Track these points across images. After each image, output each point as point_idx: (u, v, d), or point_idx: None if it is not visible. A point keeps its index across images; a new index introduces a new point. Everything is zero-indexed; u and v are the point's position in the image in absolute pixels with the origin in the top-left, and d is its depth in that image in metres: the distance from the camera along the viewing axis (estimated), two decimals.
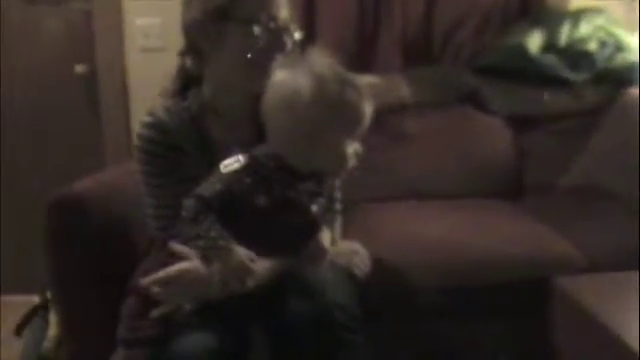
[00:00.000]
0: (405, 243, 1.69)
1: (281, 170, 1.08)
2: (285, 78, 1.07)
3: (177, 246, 1.10)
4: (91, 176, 1.55)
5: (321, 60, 1.09)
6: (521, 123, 2.18)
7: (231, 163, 1.07)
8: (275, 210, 1.07)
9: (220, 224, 1.04)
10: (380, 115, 2.12)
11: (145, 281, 1.07)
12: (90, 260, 1.39)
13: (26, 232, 2.22)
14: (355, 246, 1.37)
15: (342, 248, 1.35)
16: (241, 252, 1.03)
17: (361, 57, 2.39)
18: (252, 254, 1.04)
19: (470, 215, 1.85)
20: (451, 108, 2.22)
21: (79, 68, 2.53)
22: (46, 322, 1.62)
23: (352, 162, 1.11)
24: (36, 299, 1.68)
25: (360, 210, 2.05)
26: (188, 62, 1.23)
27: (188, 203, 1.05)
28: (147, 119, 1.21)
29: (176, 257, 1.09)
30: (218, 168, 1.08)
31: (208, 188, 1.06)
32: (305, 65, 1.07)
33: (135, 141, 1.22)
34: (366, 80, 2.20)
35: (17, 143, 2.60)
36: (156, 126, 1.20)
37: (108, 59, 2.49)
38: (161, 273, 1.07)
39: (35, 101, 2.59)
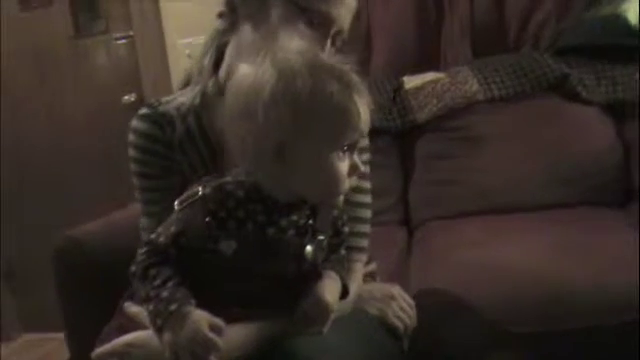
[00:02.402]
0: (476, 272, 1.35)
1: (255, 201, 0.81)
2: (246, 74, 0.81)
3: (132, 308, 0.85)
4: (100, 218, 1.48)
5: (295, 45, 0.81)
6: (623, 112, 1.76)
7: (189, 196, 0.81)
8: (249, 257, 0.80)
9: (178, 279, 0.78)
10: (445, 117, 1.88)
11: (94, 353, 0.83)
12: (95, 300, 1.27)
13: None
14: (391, 289, 1.07)
15: (374, 292, 1.05)
16: (200, 319, 0.75)
17: (423, 51, 2.09)
18: (218, 321, 0.76)
19: (561, 232, 1.46)
20: (534, 100, 1.84)
21: (127, 98, 2.42)
22: None
23: (349, 183, 0.82)
24: None
25: (424, 231, 1.73)
26: (220, 25, 1.00)
27: (139, 252, 0.81)
28: (144, 110, 1.01)
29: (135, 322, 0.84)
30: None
31: (163, 232, 0.81)
32: (272, 54, 0.80)
33: (129, 136, 1.02)
34: (420, 78, 1.92)
35: (70, 174, 2.52)
36: (153, 119, 1.00)
37: (154, 84, 2.36)
38: (108, 346, 0.82)
39: (87, 136, 2.52)
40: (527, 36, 1.99)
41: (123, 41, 2.43)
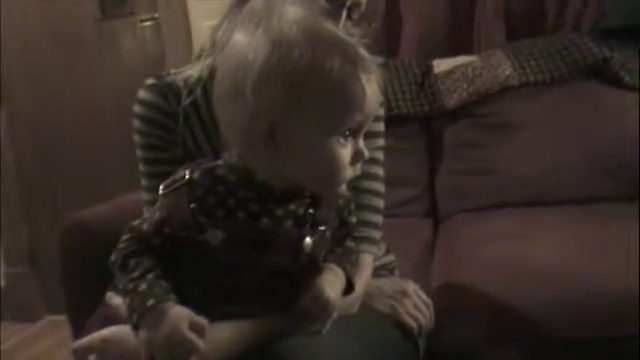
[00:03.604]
0: (503, 269, 1.24)
1: (247, 188, 0.73)
2: (238, 43, 0.72)
3: (115, 299, 0.80)
4: (109, 201, 1.47)
5: (295, 12, 0.72)
6: None
7: (175, 180, 0.74)
8: (239, 249, 0.72)
9: (159, 272, 0.71)
10: (476, 103, 1.77)
11: (74, 345, 0.77)
12: (99, 282, 1.20)
13: None
14: (404, 285, 0.99)
15: (384, 288, 0.98)
16: (180, 316, 0.68)
17: (455, 33, 1.98)
18: (199, 319, 0.68)
19: (600, 228, 1.34)
20: (572, 86, 1.72)
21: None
22: None
23: (352, 171, 0.74)
24: None
25: (450, 223, 1.64)
26: None
27: (121, 239, 0.75)
28: (151, 80, 0.98)
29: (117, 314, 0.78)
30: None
31: (148, 218, 0.75)
32: (266, 21, 0.71)
33: (134, 107, 0.99)
34: (451, 61, 1.82)
35: (96, 157, 2.50)
36: (159, 89, 0.96)
37: (179, 66, 2.32)
38: (86, 340, 0.77)
39: (113, 118, 2.49)
40: (567, 18, 1.87)
41: (148, 23, 2.39)
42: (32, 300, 2.54)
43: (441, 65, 1.83)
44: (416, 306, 0.97)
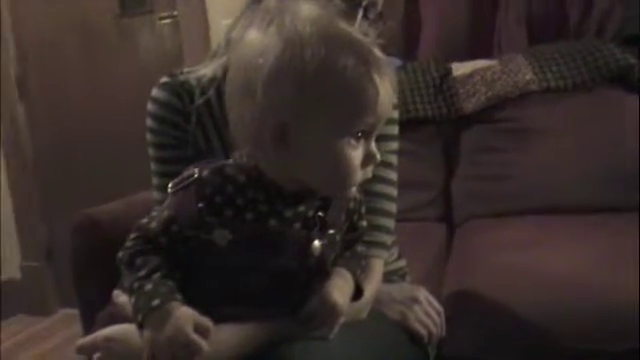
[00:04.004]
0: (518, 278, 1.22)
1: (256, 188, 0.72)
2: (250, 41, 0.71)
3: (121, 297, 0.79)
4: (121, 199, 1.46)
5: (310, 11, 0.71)
6: None
7: (184, 178, 0.73)
8: (246, 250, 0.71)
9: (166, 272, 0.70)
10: (495, 107, 1.74)
11: (79, 342, 0.77)
12: (109, 279, 1.23)
13: None
14: (415, 291, 0.97)
15: (394, 294, 0.96)
16: (184, 317, 0.67)
17: (476, 36, 1.95)
18: (204, 320, 0.67)
19: (616, 239, 1.31)
20: (594, 93, 1.69)
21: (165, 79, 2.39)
22: None
23: (363, 173, 0.72)
24: None
25: (465, 229, 1.62)
26: None
27: (129, 237, 0.74)
28: (164, 79, 0.98)
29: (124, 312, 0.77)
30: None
31: (156, 216, 0.74)
32: (280, 19, 0.70)
33: (147, 105, 0.99)
34: (470, 65, 1.79)
35: (114, 152, 2.51)
36: (171, 88, 0.96)
37: (197, 64, 2.32)
38: (90, 338, 0.76)
39: (130, 114, 2.49)
40: (590, 23, 1.83)
41: (167, 21, 2.39)
42: (47, 294, 2.56)
43: (460, 68, 1.80)
44: (427, 313, 0.95)
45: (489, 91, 1.73)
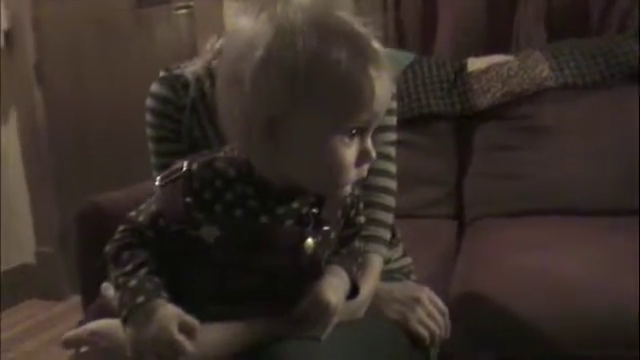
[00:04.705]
0: (529, 281, 1.19)
1: (247, 183, 0.70)
2: (241, 30, 0.68)
3: (110, 290, 0.78)
4: (130, 186, 1.47)
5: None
6: None
7: (172, 171, 0.71)
8: (234, 247, 0.69)
9: (152, 267, 0.68)
10: (510, 104, 1.70)
11: (65, 336, 0.76)
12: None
13: None
14: (418, 291, 0.94)
15: (395, 293, 0.93)
16: (169, 315, 0.64)
17: (494, 32, 1.91)
18: (190, 319, 0.65)
19: (630, 242, 1.26)
20: (613, 90, 1.64)
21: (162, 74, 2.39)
22: None
23: (358, 172, 0.69)
24: None
25: (476, 228, 1.58)
26: None
27: (118, 229, 0.73)
28: (161, 73, 0.99)
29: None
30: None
31: (144, 209, 0.72)
32: (272, 7, 0.67)
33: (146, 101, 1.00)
34: (486, 60, 1.75)
35: (130, 143, 2.51)
36: (167, 81, 0.97)
37: None
38: (76, 331, 0.75)
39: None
40: (612, 20, 1.78)
41: (183, 11, 2.38)
42: (60, 279, 2.59)
43: (476, 63, 1.76)
44: (429, 314, 0.92)
45: (504, 87, 1.69)
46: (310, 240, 0.72)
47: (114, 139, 2.54)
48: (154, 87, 0.98)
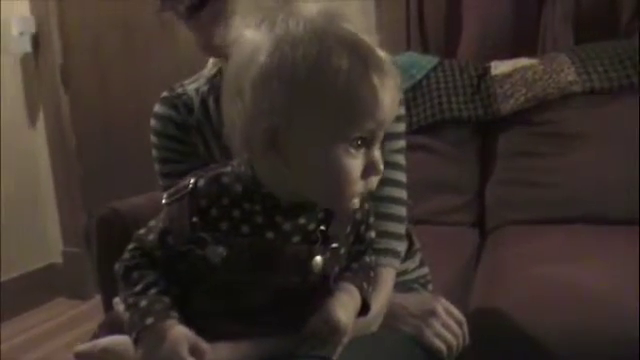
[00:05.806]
0: (552, 293, 1.15)
1: (253, 199, 0.69)
2: (246, 41, 0.66)
3: (121, 306, 0.78)
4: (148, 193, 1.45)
5: (307, 8, 0.67)
6: None
7: (179, 189, 0.71)
8: (242, 266, 0.68)
9: (162, 287, 0.68)
10: (534, 109, 1.66)
11: (77, 349, 0.76)
12: None
13: None
14: (433, 302, 0.92)
15: (409, 306, 0.91)
16: (179, 338, 0.64)
17: (519, 36, 1.87)
18: (200, 342, 0.65)
19: None
20: None
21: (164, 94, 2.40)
22: None
23: (364, 185, 0.67)
24: None
25: (498, 236, 1.56)
26: None
27: (128, 247, 0.73)
28: (163, 93, 0.98)
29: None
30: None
31: (153, 227, 0.72)
32: (274, 17, 0.66)
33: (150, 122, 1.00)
34: (510, 64, 1.72)
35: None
36: (169, 101, 0.96)
37: None
38: (87, 346, 0.75)
39: None
40: None
41: None
42: (86, 279, 2.63)
43: (499, 67, 1.73)
44: (446, 325, 0.89)
45: (529, 92, 1.65)
46: (318, 258, 0.71)
47: (139, 141, 2.53)
48: (156, 107, 0.97)
